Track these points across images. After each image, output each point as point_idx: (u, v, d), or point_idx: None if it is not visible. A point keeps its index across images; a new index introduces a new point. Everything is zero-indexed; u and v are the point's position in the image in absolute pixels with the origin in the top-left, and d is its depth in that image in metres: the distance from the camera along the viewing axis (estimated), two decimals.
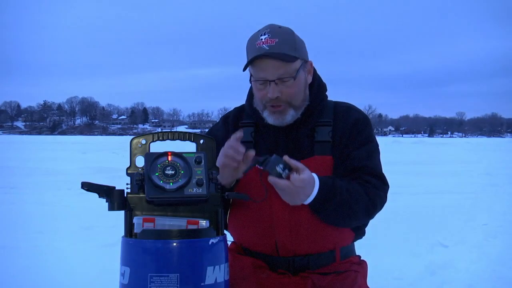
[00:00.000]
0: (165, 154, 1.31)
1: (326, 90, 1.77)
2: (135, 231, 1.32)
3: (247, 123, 1.76)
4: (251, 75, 1.69)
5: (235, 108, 1.85)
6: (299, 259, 1.68)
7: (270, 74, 1.59)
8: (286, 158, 1.47)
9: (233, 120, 1.80)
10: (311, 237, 1.66)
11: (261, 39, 1.59)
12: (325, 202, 1.54)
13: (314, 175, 1.53)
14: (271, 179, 1.46)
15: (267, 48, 1.57)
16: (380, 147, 1.77)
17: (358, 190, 1.60)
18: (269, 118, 1.66)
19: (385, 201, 1.70)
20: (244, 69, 1.65)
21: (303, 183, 1.47)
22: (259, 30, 1.64)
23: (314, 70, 1.75)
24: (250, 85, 1.76)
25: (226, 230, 1.79)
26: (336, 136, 1.69)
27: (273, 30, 1.61)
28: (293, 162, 1.48)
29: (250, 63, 1.60)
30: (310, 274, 1.66)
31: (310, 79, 1.71)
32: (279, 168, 1.44)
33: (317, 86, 1.74)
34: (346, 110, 1.74)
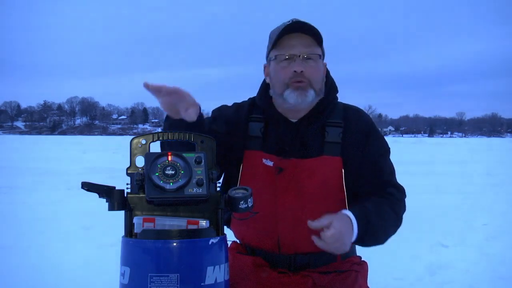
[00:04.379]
0: (165, 154, 1.30)
1: (337, 92, 1.78)
2: (135, 231, 1.32)
3: (257, 118, 1.76)
4: (268, 64, 1.71)
5: (250, 99, 1.83)
6: (300, 257, 1.68)
7: (298, 49, 1.62)
8: (311, 224, 1.44)
9: (246, 112, 1.78)
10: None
11: (290, 22, 1.63)
12: (363, 237, 1.55)
13: (350, 214, 1.53)
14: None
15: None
16: None
17: (387, 210, 1.62)
18: (291, 96, 1.63)
19: (405, 206, 1.73)
20: (272, 48, 1.66)
21: (334, 238, 1.42)
22: (283, 23, 1.66)
23: (328, 72, 1.77)
24: (254, 83, 1.78)
25: (228, 226, 1.79)
26: (348, 138, 1.68)
27: (299, 20, 1.65)
28: (321, 223, 1.43)
29: (280, 37, 1.62)
30: (310, 273, 1.66)
31: (324, 79, 1.73)
32: (242, 205, 1.35)
33: (330, 86, 1.75)
34: (356, 114, 1.75)
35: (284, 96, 1.65)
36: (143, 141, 1.42)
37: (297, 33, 1.63)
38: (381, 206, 1.62)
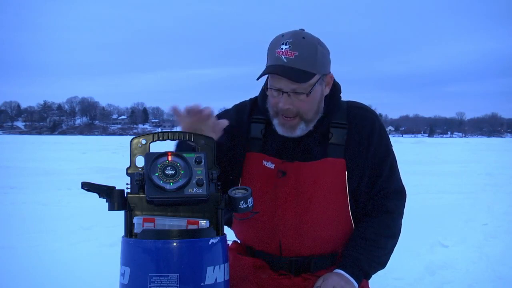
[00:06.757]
0: (165, 154, 1.31)
1: (340, 91, 1.72)
2: (135, 231, 1.32)
3: (259, 119, 1.72)
4: (267, 78, 1.64)
5: (251, 100, 1.78)
6: (301, 260, 1.67)
7: (284, 85, 1.55)
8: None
9: (248, 113, 1.74)
10: (315, 239, 1.65)
11: (282, 48, 1.53)
12: (366, 275, 1.64)
13: (342, 272, 1.57)
14: None
15: (285, 60, 1.52)
16: None
17: (382, 233, 1.66)
18: (278, 128, 1.62)
19: (403, 210, 1.73)
20: (258, 78, 1.59)
21: None
22: (283, 35, 1.56)
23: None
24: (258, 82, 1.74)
25: (229, 226, 1.78)
26: (351, 140, 1.65)
27: (296, 41, 1.54)
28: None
29: (266, 73, 1.56)
30: (311, 276, 1.65)
31: (327, 91, 1.66)
32: (242, 205, 1.36)
33: (333, 88, 1.69)
34: (360, 115, 1.69)
35: (274, 123, 1.63)
36: (143, 141, 1.42)
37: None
38: (374, 236, 1.64)
